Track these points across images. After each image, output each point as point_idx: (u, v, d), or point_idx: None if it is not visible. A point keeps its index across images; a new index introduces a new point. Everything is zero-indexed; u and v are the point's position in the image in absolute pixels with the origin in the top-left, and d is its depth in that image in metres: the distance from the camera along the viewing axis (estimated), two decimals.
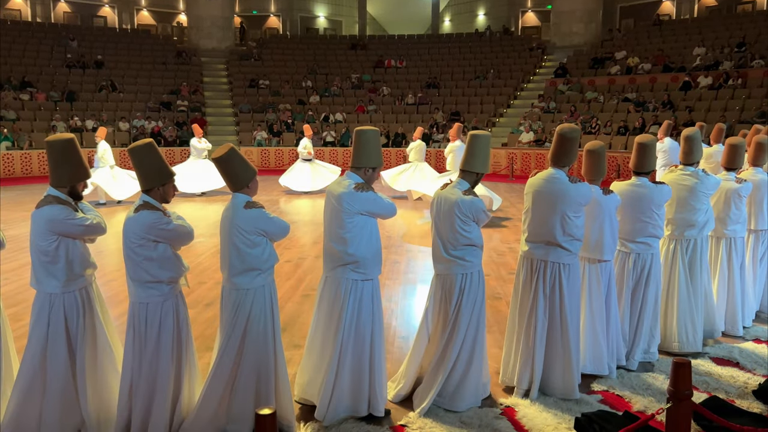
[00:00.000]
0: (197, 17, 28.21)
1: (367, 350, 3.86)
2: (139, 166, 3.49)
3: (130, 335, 3.52)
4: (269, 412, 2.57)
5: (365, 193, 3.81)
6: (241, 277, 3.59)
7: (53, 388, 3.49)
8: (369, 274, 3.87)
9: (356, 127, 4.07)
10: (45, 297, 3.50)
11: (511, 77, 24.87)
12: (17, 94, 21.11)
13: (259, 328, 3.62)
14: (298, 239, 9.77)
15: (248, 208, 3.57)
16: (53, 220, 3.43)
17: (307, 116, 22.94)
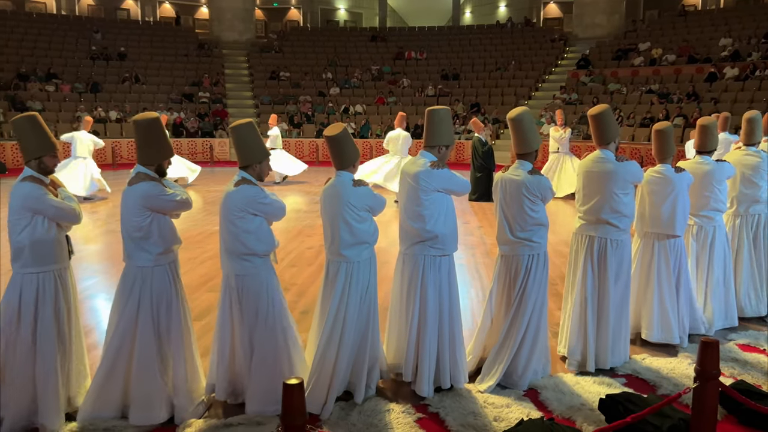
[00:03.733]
0: (219, 9, 28.35)
1: (446, 324, 3.98)
2: (238, 143, 3.65)
3: (226, 305, 3.67)
4: (296, 381, 2.60)
5: (441, 171, 3.93)
6: (351, 249, 3.79)
7: (142, 360, 3.56)
8: (446, 249, 3.99)
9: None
10: (136, 270, 3.58)
11: (532, 69, 24.66)
12: (43, 85, 21.41)
13: (364, 298, 3.84)
14: (320, 226, 9.81)
15: (357, 185, 3.80)
16: (147, 195, 3.50)
17: (327, 108, 22.99)
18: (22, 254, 3.50)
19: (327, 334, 3.79)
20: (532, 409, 3.86)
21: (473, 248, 8.31)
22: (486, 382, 4.13)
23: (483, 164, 12.33)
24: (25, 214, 3.47)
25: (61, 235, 3.63)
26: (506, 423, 3.67)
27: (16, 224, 3.49)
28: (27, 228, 3.47)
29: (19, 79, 21.22)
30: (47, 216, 3.50)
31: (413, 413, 3.79)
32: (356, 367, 3.89)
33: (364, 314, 3.86)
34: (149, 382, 3.58)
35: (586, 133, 19.16)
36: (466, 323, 4.84)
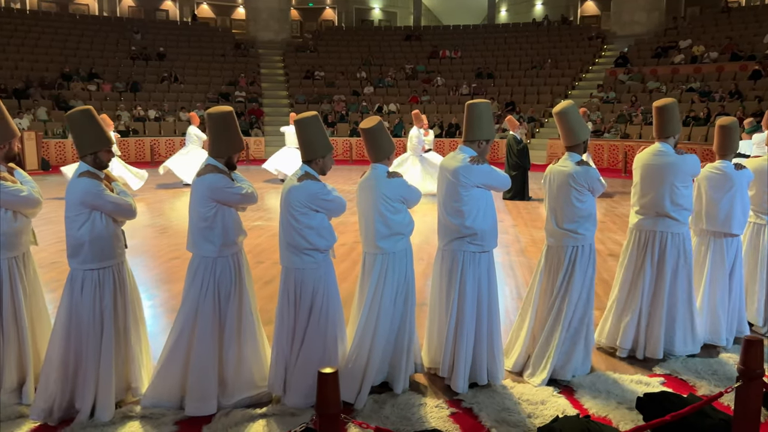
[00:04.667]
0: (255, 9, 28.69)
1: (485, 321, 3.97)
2: (303, 137, 3.66)
3: (283, 300, 3.70)
4: (331, 371, 2.61)
5: (481, 166, 3.89)
6: (386, 241, 3.80)
7: (200, 350, 3.62)
8: (486, 246, 3.96)
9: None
10: (201, 260, 3.65)
11: (569, 67, 24.34)
12: (85, 85, 21.96)
13: (401, 288, 3.83)
14: (353, 224, 9.85)
15: (391, 177, 3.80)
16: (214, 187, 3.56)
17: (361, 107, 23.06)
18: (82, 250, 3.53)
19: (362, 324, 3.81)
20: (567, 407, 3.81)
21: (507, 246, 8.25)
22: (538, 376, 4.12)
23: (518, 163, 12.22)
24: (83, 210, 3.51)
25: (118, 230, 3.69)
26: (541, 420, 3.62)
27: (74, 220, 3.52)
28: (86, 224, 3.51)
29: (62, 79, 21.80)
30: (105, 211, 3.55)
31: (447, 408, 3.78)
32: (395, 358, 3.89)
33: (401, 305, 3.86)
34: (205, 372, 3.63)
35: (624, 133, 18.84)
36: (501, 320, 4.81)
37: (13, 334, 3.68)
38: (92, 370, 3.55)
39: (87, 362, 3.55)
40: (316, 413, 2.64)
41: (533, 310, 4.33)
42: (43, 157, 17.05)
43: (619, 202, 11.94)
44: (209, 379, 3.63)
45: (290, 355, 3.73)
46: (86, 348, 3.56)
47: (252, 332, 3.85)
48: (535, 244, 8.50)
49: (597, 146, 18.24)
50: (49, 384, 3.55)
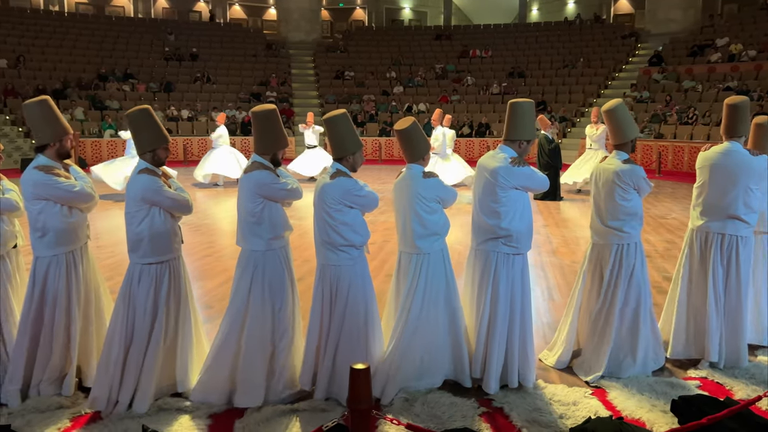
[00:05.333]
0: (286, 10, 28.94)
1: (518, 322, 3.94)
2: (332, 134, 3.70)
3: (318, 296, 3.74)
4: (363, 367, 2.63)
5: (521, 168, 3.85)
6: (423, 240, 3.80)
7: (250, 343, 3.68)
8: (520, 248, 3.93)
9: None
10: (250, 254, 3.72)
11: (601, 66, 24.02)
12: (120, 85, 22.41)
13: (438, 288, 3.82)
14: (382, 222, 9.87)
15: (427, 177, 3.80)
16: (261, 183, 3.63)
17: (391, 107, 23.09)
18: (141, 245, 3.63)
19: (398, 323, 3.83)
20: (600, 408, 3.76)
21: (539, 247, 8.17)
22: (591, 374, 4.10)
23: (549, 162, 12.10)
24: (143, 206, 3.61)
25: (176, 226, 3.78)
26: (573, 421, 3.59)
27: (134, 216, 3.63)
28: (145, 219, 3.61)
29: (99, 79, 22.28)
30: (163, 207, 3.64)
31: (477, 407, 3.76)
32: (455, 357, 3.90)
33: (442, 306, 3.84)
34: (254, 365, 3.69)
35: (658, 132, 18.53)
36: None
37: (63, 326, 3.78)
38: (138, 362, 3.64)
39: (133, 354, 3.64)
40: (348, 408, 2.66)
41: (576, 308, 4.31)
42: (80, 155, 17.45)
43: (653, 204, 11.74)
44: (258, 371, 3.69)
45: (323, 350, 3.76)
46: (137, 340, 3.65)
47: (298, 327, 3.92)
48: (566, 244, 8.41)
49: None
50: (107, 374, 3.65)
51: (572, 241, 8.61)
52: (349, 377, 2.63)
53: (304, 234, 8.25)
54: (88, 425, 3.52)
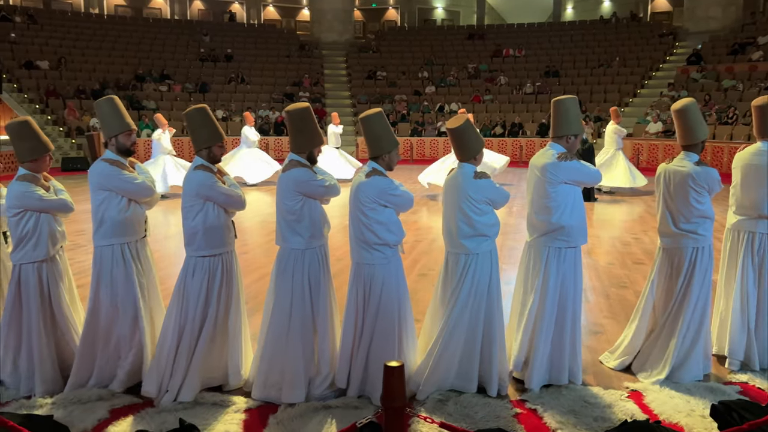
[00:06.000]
0: (319, 11, 29.12)
1: (568, 317, 3.94)
2: (368, 133, 3.73)
3: (352, 294, 3.77)
4: (397, 365, 2.63)
5: (569, 162, 3.87)
6: (470, 240, 3.78)
7: (297, 340, 3.74)
8: (573, 241, 3.93)
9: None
10: (289, 252, 3.77)
11: (638, 65, 23.60)
12: (157, 85, 22.82)
13: (484, 289, 3.79)
14: (414, 222, 9.87)
15: (478, 177, 3.77)
16: (299, 180, 3.68)
17: (422, 107, 23.06)
18: (196, 238, 3.74)
19: (441, 323, 3.82)
20: (636, 411, 3.70)
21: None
22: (655, 376, 4.07)
23: None
24: (198, 201, 3.71)
25: (229, 221, 3.86)
26: (608, 423, 3.54)
27: (189, 210, 3.74)
28: (200, 214, 3.71)
29: (136, 80, 22.73)
30: (217, 202, 3.74)
31: (511, 408, 3.74)
32: (483, 361, 3.86)
33: (484, 308, 3.81)
34: (297, 362, 3.73)
35: None
36: None
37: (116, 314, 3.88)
38: (188, 352, 3.73)
39: (184, 344, 3.73)
40: (382, 406, 2.67)
41: (645, 314, 4.28)
42: None
43: None
44: (301, 369, 3.73)
45: (357, 349, 3.78)
46: (188, 330, 3.73)
47: (337, 324, 3.95)
48: (601, 245, 8.29)
49: (668, 147, 17.61)
50: (160, 363, 3.76)
51: (607, 242, 8.49)
52: (383, 375, 2.63)
53: (333, 234, 8.28)
54: (126, 417, 3.59)
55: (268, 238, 7.83)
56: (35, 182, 3.85)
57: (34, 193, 3.79)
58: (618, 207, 11.44)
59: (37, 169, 3.91)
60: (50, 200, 3.85)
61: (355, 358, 3.79)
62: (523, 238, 4.24)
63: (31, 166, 3.88)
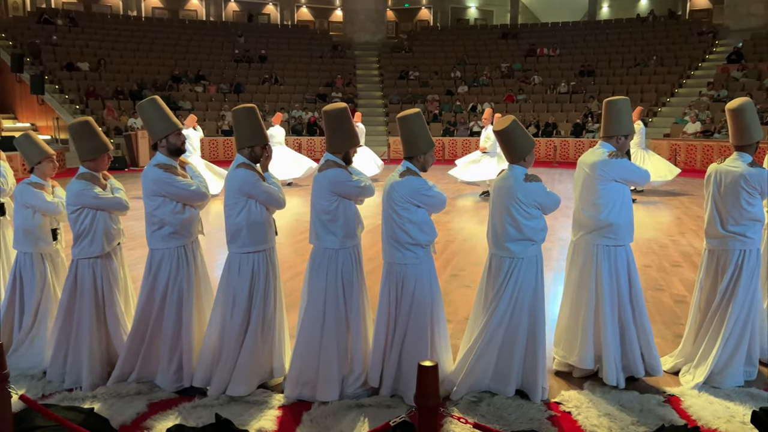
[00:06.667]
0: (352, 11, 29.24)
1: (628, 312, 3.94)
2: (406, 133, 3.74)
3: (384, 294, 3.80)
4: (431, 364, 2.63)
5: (619, 160, 3.91)
6: (516, 244, 3.76)
7: (331, 338, 3.78)
8: (620, 239, 3.95)
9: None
10: (324, 252, 3.82)
11: (676, 64, 23.13)
12: (192, 86, 23.19)
13: (527, 295, 3.77)
14: (447, 222, 9.84)
15: (528, 181, 3.73)
16: (335, 181, 3.73)
17: (455, 106, 22.97)
18: (240, 235, 3.80)
19: (483, 326, 3.82)
20: (674, 416, 3.63)
21: None
22: (695, 379, 4.02)
23: None
24: (241, 198, 3.77)
25: (270, 218, 3.92)
26: (645, 428, 3.48)
27: (233, 207, 3.80)
28: (243, 211, 3.78)
29: (172, 81, 23.13)
30: (259, 200, 3.80)
31: (545, 410, 3.71)
32: (527, 366, 3.83)
33: (525, 313, 3.78)
34: (331, 360, 3.77)
35: None
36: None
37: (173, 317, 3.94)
38: (235, 348, 3.80)
39: (230, 340, 3.80)
40: (415, 405, 2.67)
41: (693, 315, 4.24)
42: None
43: None
44: (335, 367, 3.76)
45: (389, 348, 3.79)
46: (234, 326, 3.80)
47: (370, 324, 3.98)
48: (637, 247, 8.12)
49: (706, 147, 17.24)
50: (206, 358, 3.85)
51: (644, 243, 8.34)
52: (417, 374, 2.63)
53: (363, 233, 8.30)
54: (164, 411, 3.67)
55: (300, 237, 7.90)
56: (93, 181, 3.96)
57: (90, 191, 3.91)
58: (655, 208, 11.23)
59: (96, 167, 4.03)
60: (105, 198, 3.95)
61: (388, 357, 3.80)
62: (557, 239, 4.21)
63: (91, 165, 4.01)
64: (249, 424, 3.53)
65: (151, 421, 3.56)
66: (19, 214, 4.18)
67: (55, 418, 2.90)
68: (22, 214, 4.16)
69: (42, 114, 20.02)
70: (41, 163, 4.21)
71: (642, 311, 4.01)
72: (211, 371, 3.86)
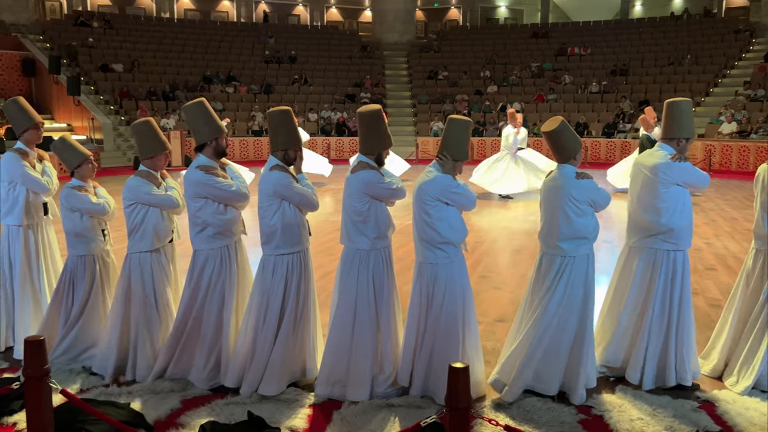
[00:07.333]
0: (381, 12, 29.30)
1: (674, 320, 3.90)
2: (452, 136, 3.75)
3: (416, 294, 3.82)
4: (462, 365, 2.64)
5: (682, 163, 3.86)
6: (568, 243, 3.75)
7: (361, 338, 3.82)
8: (680, 244, 3.91)
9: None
10: (355, 253, 3.86)
11: (711, 63, 22.68)
12: (224, 87, 23.49)
13: (578, 293, 3.76)
14: (476, 223, 9.81)
15: (580, 178, 3.74)
16: (368, 182, 3.76)
17: (484, 106, 22.85)
18: (275, 237, 3.85)
19: (532, 325, 3.80)
20: (709, 422, 3.58)
21: None
22: (742, 383, 3.97)
23: None
24: (275, 200, 3.82)
25: (304, 219, 3.97)
26: None
27: (267, 209, 3.85)
28: (277, 212, 3.82)
29: (204, 82, 23.46)
30: (293, 202, 3.84)
31: (576, 413, 3.68)
32: (571, 366, 3.80)
33: (575, 312, 3.75)
34: (363, 361, 3.80)
35: None
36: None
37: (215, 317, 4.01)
38: (267, 347, 3.85)
39: (264, 339, 3.85)
40: (446, 407, 2.68)
41: (734, 316, 4.16)
42: (186, 154, 18.42)
43: None
44: (366, 367, 3.79)
45: (419, 348, 3.80)
46: (268, 326, 3.85)
47: (401, 325, 3.99)
48: None
49: (742, 148, 16.86)
50: (240, 356, 3.91)
51: None
52: (448, 376, 2.64)
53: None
54: (197, 408, 3.73)
55: (327, 237, 7.97)
56: (149, 178, 4.08)
57: (144, 187, 4.03)
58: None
59: (154, 166, 4.14)
60: (157, 195, 4.06)
61: (418, 357, 3.81)
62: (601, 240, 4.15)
63: (149, 163, 4.13)
64: (280, 422, 3.57)
65: (185, 417, 3.62)
66: (67, 219, 4.26)
67: (93, 412, 2.98)
68: (71, 219, 4.24)
69: (78, 114, 20.48)
70: (81, 166, 4.29)
71: (688, 318, 3.94)
72: (242, 371, 3.91)
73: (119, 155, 19.29)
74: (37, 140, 4.63)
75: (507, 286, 6.43)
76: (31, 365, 2.91)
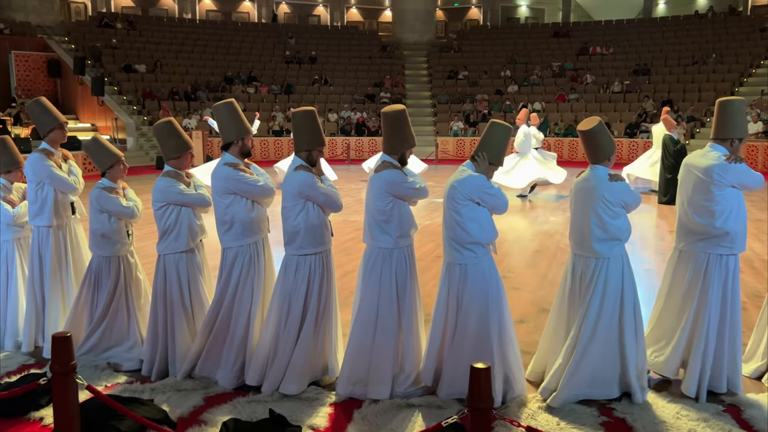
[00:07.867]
0: (401, 11, 29.30)
1: (727, 326, 3.85)
2: (491, 141, 3.75)
3: (443, 294, 3.82)
4: (484, 366, 2.64)
5: (738, 165, 3.77)
6: (602, 244, 3.71)
7: (384, 337, 3.83)
8: (735, 248, 3.83)
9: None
10: (378, 251, 3.87)
11: (736, 62, 22.34)
12: (245, 87, 23.66)
13: (616, 295, 3.73)
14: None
15: (613, 180, 3.72)
16: (392, 182, 3.77)
17: (504, 106, 22.74)
18: (298, 237, 3.87)
19: (576, 330, 3.77)
20: (734, 427, 3.52)
21: (664, 254, 7.74)
22: None
23: (674, 164, 11.41)
24: (299, 200, 3.84)
25: (326, 219, 3.99)
26: None
27: (291, 210, 3.87)
28: (301, 213, 3.84)
29: (225, 82, 23.65)
30: (317, 202, 3.86)
31: (598, 416, 3.65)
32: (623, 368, 3.77)
33: (617, 313, 3.72)
34: (385, 360, 3.80)
35: None
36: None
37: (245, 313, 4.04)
38: (289, 346, 3.87)
39: (286, 338, 3.87)
40: (468, 407, 2.67)
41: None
42: (208, 154, 18.56)
43: None
44: (387, 366, 3.80)
45: (448, 349, 3.78)
46: (290, 325, 3.88)
47: (422, 324, 3.99)
48: None
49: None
50: (262, 355, 3.94)
51: None
52: (470, 376, 2.64)
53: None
54: (219, 405, 3.77)
55: (347, 237, 7.97)
56: (177, 178, 4.11)
57: (175, 187, 4.05)
58: None
59: (180, 165, 4.17)
60: (190, 195, 4.10)
61: (447, 358, 3.80)
62: None
63: (175, 163, 4.15)
64: (302, 421, 3.59)
65: (208, 415, 3.66)
66: (95, 219, 4.30)
67: (119, 408, 3.02)
68: (99, 219, 4.28)
69: (102, 114, 20.77)
70: (113, 167, 4.32)
71: (737, 324, 3.86)
72: (264, 369, 3.93)
73: (142, 155, 19.53)
74: (62, 140, 4.69)
75: (527, 287, 6.39)
76: (58, 361, 2.96)
